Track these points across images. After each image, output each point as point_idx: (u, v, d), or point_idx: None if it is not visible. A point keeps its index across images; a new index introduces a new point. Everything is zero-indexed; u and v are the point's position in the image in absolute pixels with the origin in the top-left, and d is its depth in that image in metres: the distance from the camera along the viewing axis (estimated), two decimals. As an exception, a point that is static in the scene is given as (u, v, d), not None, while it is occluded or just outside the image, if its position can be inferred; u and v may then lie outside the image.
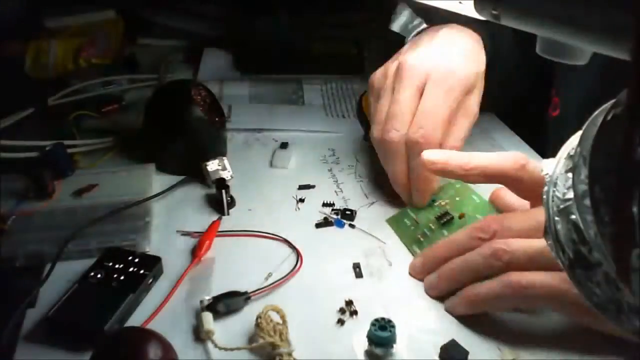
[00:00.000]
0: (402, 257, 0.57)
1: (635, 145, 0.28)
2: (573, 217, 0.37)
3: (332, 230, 0.61)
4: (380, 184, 0.68)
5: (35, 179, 0.63)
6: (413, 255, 0.57)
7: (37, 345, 0.47)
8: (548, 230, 0.39)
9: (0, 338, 0.47)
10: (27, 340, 0.48)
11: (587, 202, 0.34)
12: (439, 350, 0.47)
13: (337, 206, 0.64)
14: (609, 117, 0.33)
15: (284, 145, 0.75)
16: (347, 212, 0.63)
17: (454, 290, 0.51)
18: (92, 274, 0.52)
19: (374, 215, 0.63)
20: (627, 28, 0.29)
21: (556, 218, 0.38)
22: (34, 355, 0.47)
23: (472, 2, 0.40)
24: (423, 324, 0.50)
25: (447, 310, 0.51)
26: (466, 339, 0.48)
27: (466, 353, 0.46)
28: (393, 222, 0.62)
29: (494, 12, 0.37)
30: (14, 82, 0.88)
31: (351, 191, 0.67)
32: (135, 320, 0.50)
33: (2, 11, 0.97)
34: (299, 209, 0.64)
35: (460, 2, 0.42)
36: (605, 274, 0.36)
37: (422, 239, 0.58)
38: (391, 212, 0.63)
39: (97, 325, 0.47)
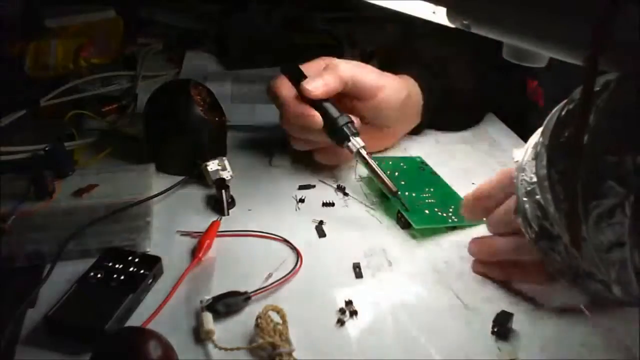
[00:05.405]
0: (402, 257, 0.57)
1: (583, 134, 0.36)
2: (537, 197, 0.44)
3: (332, 230, 0.61)
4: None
5: (35, 179, 0.63)
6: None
7: (37, 345, 0.47)
8: (519, 210, 0.47)
9: (0, 338, 0.47)
10: (27, 340, 0.48)
11: (546, 183, 0.42)
12: (438, 351, 0.47)
13: (337, 205, 0.64)
14: (563, 113, 0.41)
15: (283, 145, 0.75)
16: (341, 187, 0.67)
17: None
18: (92, 274, 0.52)
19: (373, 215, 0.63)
20: (581, 38, 0.33)
21: (524, 199, 0.46)
22: (34, 355, 0.47)
23: (444, 12, 0.44)
24: (423, 324, 0.50)
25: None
26: (465, 338, 0.48)
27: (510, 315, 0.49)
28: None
29: (465, 22, 0.42)
30: (14, 82, 0.88)
31: (351, 191, 0.67)
32: (135, 320, 0.50)
33: (2, 11, 0.97)
34: (299, 209, 0.64)
35: (433, 12, 0.47)
36: (565, 245, 0.44)
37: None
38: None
39: (97, 325, 0.47)
